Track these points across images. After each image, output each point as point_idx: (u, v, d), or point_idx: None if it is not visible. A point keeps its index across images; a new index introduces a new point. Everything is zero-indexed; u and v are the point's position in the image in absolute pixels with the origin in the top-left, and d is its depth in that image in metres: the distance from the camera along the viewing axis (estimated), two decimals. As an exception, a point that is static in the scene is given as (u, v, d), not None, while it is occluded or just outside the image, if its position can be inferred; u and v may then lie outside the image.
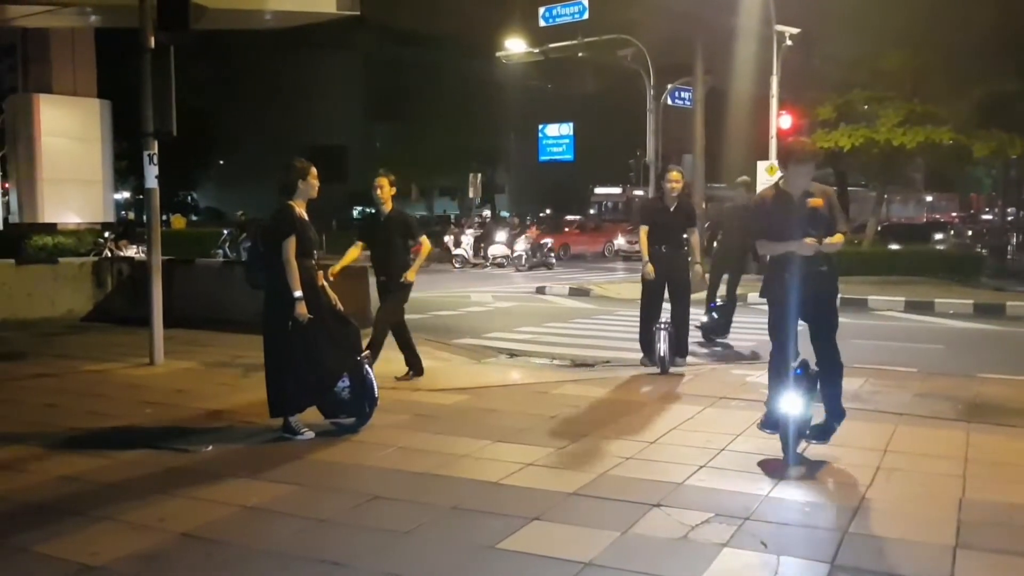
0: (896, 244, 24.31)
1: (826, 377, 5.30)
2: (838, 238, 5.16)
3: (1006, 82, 20.96)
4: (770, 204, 5.24)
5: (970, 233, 31.25)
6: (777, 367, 5.20)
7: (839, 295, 5.62)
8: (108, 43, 22.27)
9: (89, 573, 3.74)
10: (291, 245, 5.74)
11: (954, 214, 54.06)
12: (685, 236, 8.45)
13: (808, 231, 5.08)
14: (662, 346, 8.14)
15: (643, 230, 8.50)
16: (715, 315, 11.04)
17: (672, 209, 8.38)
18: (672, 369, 8.23)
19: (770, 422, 5.35)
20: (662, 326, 8.23)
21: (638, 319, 8.77)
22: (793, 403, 5.07)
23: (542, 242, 28.63)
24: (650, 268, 8.32)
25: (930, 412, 6.67)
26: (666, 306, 8.58)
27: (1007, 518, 4.38)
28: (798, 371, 5.10)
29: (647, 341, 8.42)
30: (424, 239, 7.96)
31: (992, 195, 56.62)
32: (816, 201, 5.11)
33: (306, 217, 5.94)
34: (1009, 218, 42.37)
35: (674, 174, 8.42)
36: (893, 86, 22.17)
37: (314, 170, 6.07)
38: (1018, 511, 4.48)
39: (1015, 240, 31.75)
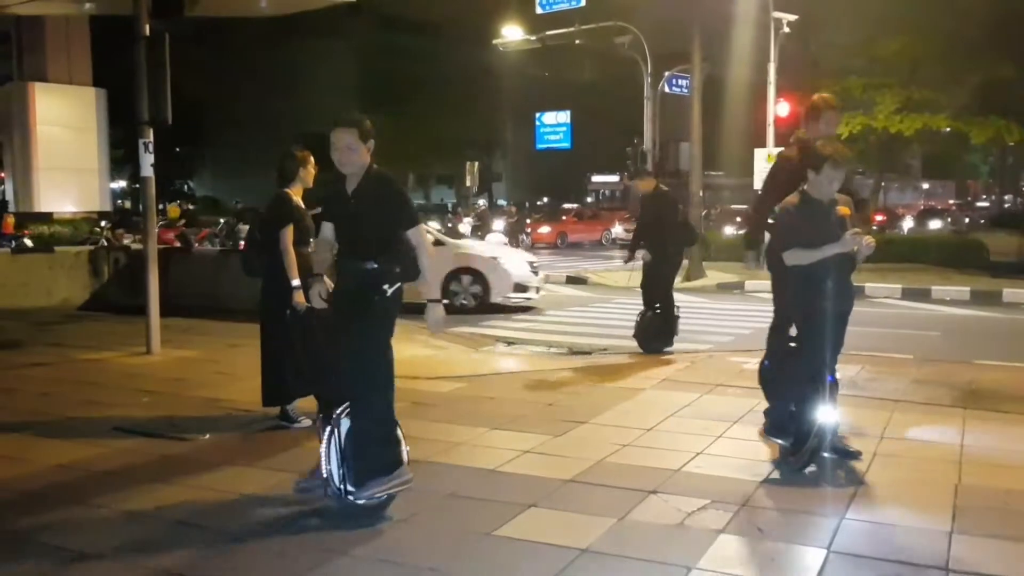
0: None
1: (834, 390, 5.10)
2: (872, 240, 4.85)
3: (1004, 69, 20.94)
4: (799, 212, 4.92)
5: (967, 220, 31.28)
6: (800, 375, 4.93)
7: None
8: (103, 31, 22.17)
9: (85, 561, 3.74)
10: (289, 233, 5.72)
11: (951, 201, 54.06)
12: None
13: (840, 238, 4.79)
14: (324, 456, 4.21)
15: (315, 243, 5.02)
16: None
17: (351, 192, 4.32)
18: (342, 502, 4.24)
19: (778, 429, 5.02)
20: (333, 414, 4.26)
21: (634, 307, 8.64)
22: (828, 413, 4.81)
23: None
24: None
25: (926, 399, 6.67)
26: None
27: (1002, 503, 4.39)
28: (831, 378, 4.93)
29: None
30: None
31: (989, 182, 56.62)
32: (844, 210, 4.90)
33: (303, 205, 5.92)
34: (1006, 205, 42.39)
35: (337, 134, 4.29)
36: (891, 73, 22.16)
37: (312, 159, 6.06)
38: (1013, 496, 4.49)
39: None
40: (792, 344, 5.25)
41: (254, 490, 4.59)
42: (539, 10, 24.95)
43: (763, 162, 19.13)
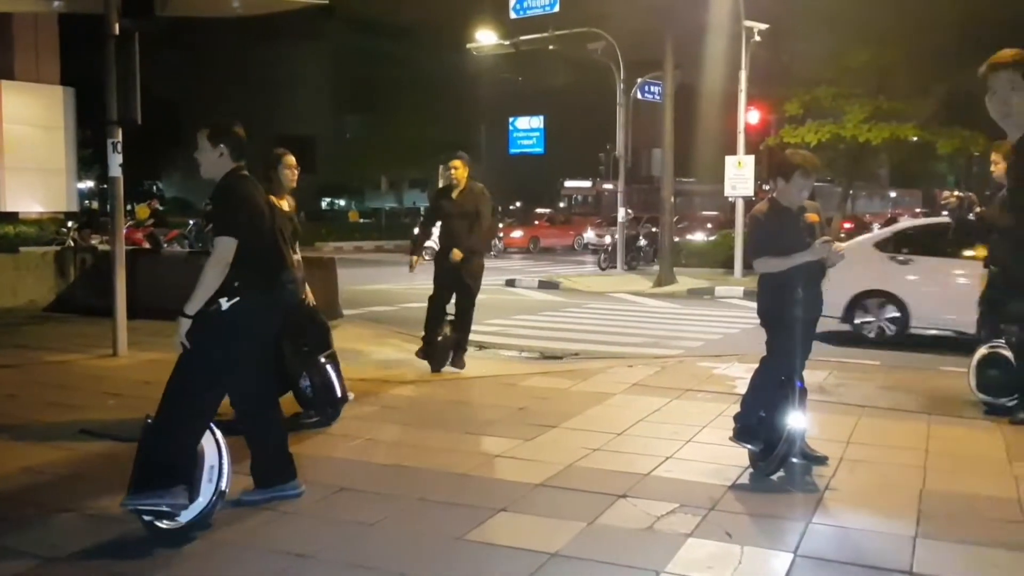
0: None
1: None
2: (841, 248, 4.94)
3: (970, 80, 21.19)
4: (769, 219, 4.97)
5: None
6: (771, 381, 5.00)
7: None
8: (72, 29, 21.92)
9: (50, 565, 3.69)
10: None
11: (917, 209, 54.83)
12: None
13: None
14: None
15: None
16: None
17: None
18: None
19: (747, 434, 5.02)
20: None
21: (606, 312, 8.44)
22: (797, 419, 4.89)
23: None
24: None
25: (892, 404, 6.77)
26: None
27: (965, 508, 4.46)
28: (799, 384, 5.00)
29: None
30: None
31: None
32: (813, 216, 4.96)
33: (285, 208, 5.85)
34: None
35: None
36: (859, 83, 22.45)
37: (289, 159, 6.00)
38: (976, 501, 4.57)
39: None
40: None
41: (222, 494, 4.54)
42: (513, 15, 25.00)
43: (734, 169, 19.30)
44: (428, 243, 8.33)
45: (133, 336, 8.77)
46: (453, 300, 8.00)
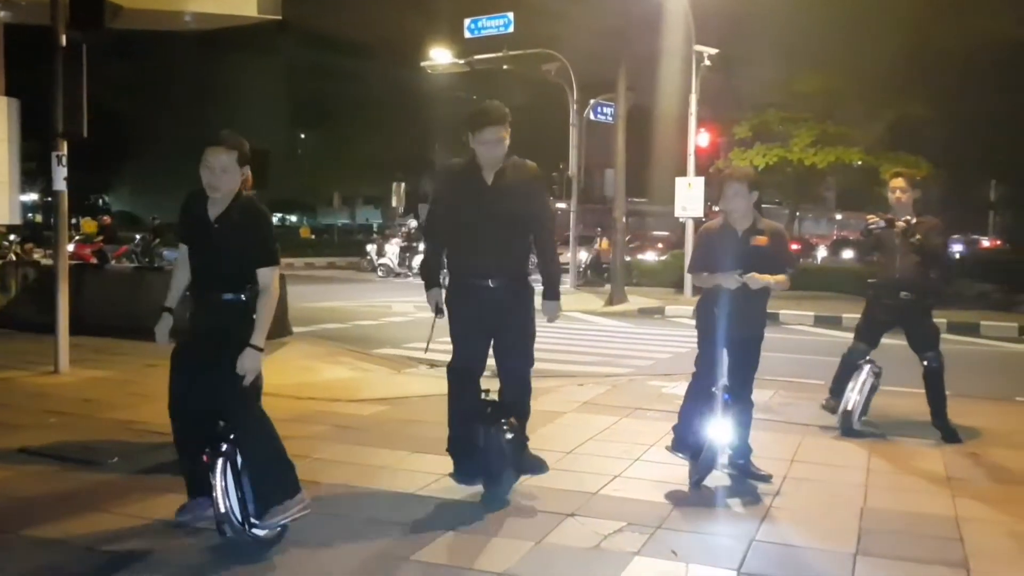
0: None
1: (735, 412, 5.22)
2: (778, 278, 5.01)
3: (914, 107, 21.92)
4: (710, 236, 5.15)
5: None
6: (697, 393, 5.17)
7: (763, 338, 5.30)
8: (18, 39, 21.54)
9: (-14, 589, 3.61)
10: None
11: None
12: None
13: (745, 268, 4.93)
14: (220, 493, 3.90)
15: None
16: None
17: (215, 218, 4.14)
18: None
19: (682, 445, 5.18)
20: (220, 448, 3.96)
21: (557, 331, 8.47)
22: (719, 429, 5.03)
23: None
24: None
25: (836, 424, 6.88)
26: None
27: (905, 526, 4.57)
28: (726, 397, 5.11)
29: None
30: None
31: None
32: (761, 239, 5.01)
33: None
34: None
35: (214, 153, 4.10)
36: (807, 108, 22.98)
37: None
38: (915, 519, 4.68)
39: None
40: None
41: (165, 515, 4.46)
42: (468, 34, 25.12)
43: (684, 190, 19.56)
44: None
45: (76, 353, 8.59)
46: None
